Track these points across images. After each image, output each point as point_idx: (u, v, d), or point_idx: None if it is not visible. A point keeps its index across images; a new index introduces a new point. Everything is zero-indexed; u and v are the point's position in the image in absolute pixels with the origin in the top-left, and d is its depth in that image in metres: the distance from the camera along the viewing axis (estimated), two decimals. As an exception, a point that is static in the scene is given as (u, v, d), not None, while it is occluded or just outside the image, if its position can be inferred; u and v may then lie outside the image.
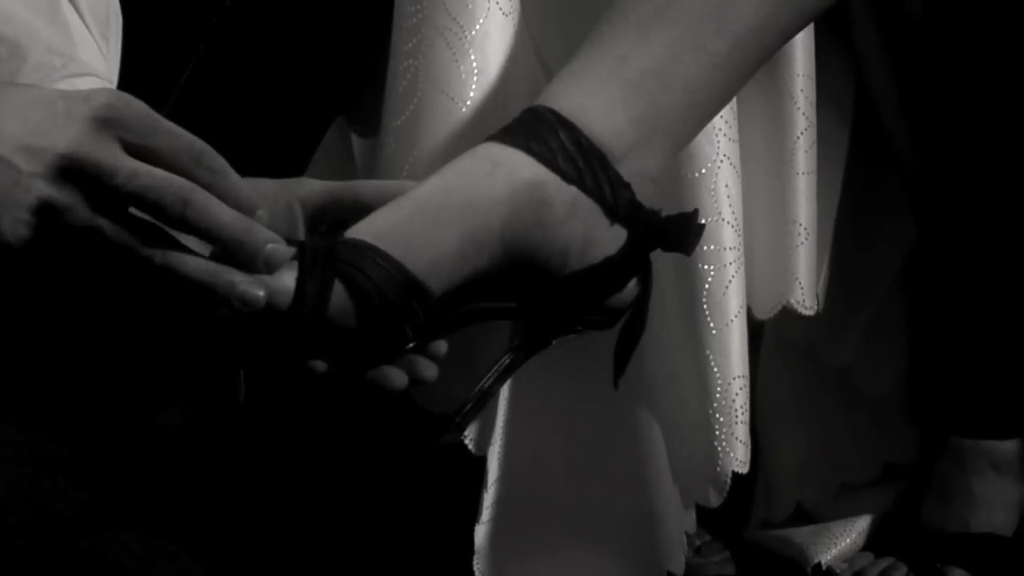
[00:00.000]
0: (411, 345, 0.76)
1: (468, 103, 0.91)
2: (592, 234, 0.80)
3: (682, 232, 0.82)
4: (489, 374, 0.82)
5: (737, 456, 1.00)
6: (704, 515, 1.16)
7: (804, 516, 1.27)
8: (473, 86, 0.91)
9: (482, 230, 0.77)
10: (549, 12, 0.96)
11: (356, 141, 1.15)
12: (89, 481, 0.92)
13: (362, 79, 1.08)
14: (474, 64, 0.91)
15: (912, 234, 1.20)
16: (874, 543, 1.22)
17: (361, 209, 0.82)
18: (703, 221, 0.85)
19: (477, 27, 0.91)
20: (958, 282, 1.17)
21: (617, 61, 0.80)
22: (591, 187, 0.79)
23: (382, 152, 0.94)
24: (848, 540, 1.22)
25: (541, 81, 0.95)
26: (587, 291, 0.81)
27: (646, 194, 0.81)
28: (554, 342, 0.84)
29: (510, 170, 0.78)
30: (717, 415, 0.99)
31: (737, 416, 0.99)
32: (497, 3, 0.92)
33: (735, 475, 1.07)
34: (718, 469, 0.98)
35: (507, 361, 0.83)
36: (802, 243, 1.03)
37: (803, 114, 1.02)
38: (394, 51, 0.93)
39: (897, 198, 1.20)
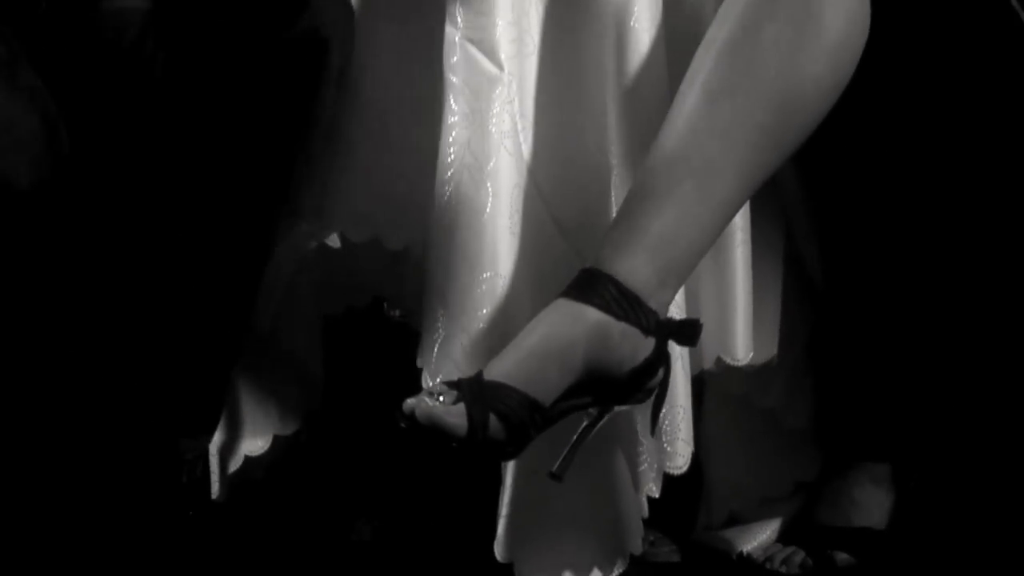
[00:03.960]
0: (532, 438, 1.15)
1: (486, 215, 1.27)
2: (636, 347, 1.18)
3: (688, 333, 1.22)
4: (575, 438, 1.21)
5: (675, 464, 1.34)
6: (658, 521, 1.44)
7: (735, 521, 1.53)
8: (489, 205, 1.27)
9: (571, 360, 1.15)
10: (542, 152, 1.32)
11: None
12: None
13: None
14: (489, 189, 1.28)
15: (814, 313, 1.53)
16: (783, 537, 1.48)
17: None
18: (702, 323, 1.23)
19: (491, 164, 1.27)
20: (848, 353, 1.49)
21: (641, 232, 1.17)
22: (634, 319, 1.17)
23: (429, 243, 1.30)
24: (764, 535, 1.48)
25: (537, 200, 1.31)
26: (635, 382, 1.20)
27: (664, 312, 1.20)
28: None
29: (584, 319, 1.16)
30: (664, 434, 1.33)
31: (678, 434, 1.33)
32: (505, 146, 1.28)
33: (683, 487, 1.40)
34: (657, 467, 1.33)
35: (584, 433, 1.21)
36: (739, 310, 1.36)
37: (740, 229, 1.36)
38: (437, 178, 1.28)
39: (806, 296, 1.52)
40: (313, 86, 1.34)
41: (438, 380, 1.25)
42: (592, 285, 1.17)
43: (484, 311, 1.28)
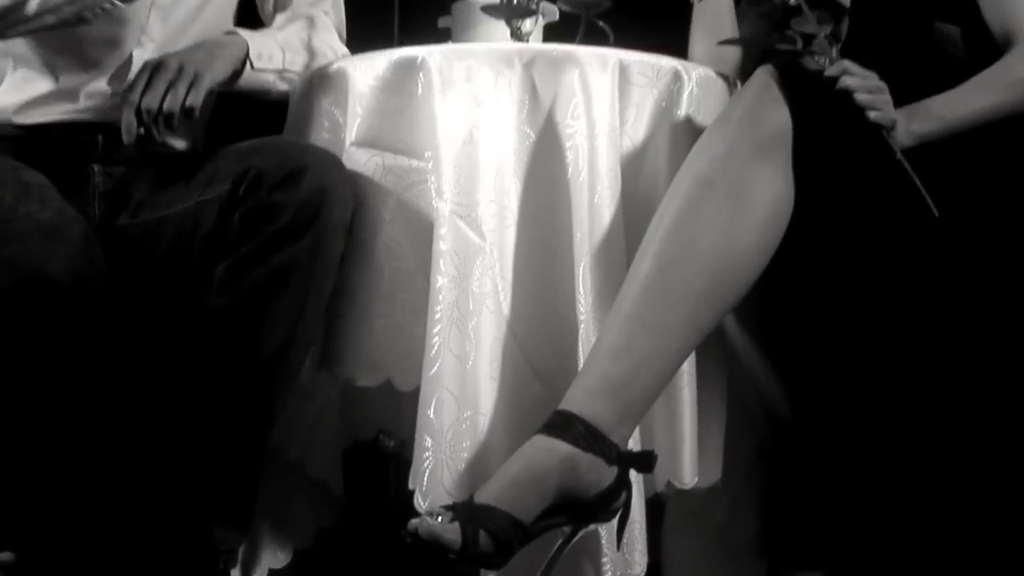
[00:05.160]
0: (516, 552, 1.35)
1: (470, 363, 1.48)
2: (600, 475, 1.39)
3: (645, 462, 1.42)
4: (553, 552, 1.41)
5: (634, 571, 1.54)
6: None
7: (688, 623, 1.73)
8: (472, 355, 1.47)
9: (547, 488, 1.35)
10: (520, 308, 1.53)
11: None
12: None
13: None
14: (473, 341, 1.48)
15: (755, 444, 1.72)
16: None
17: None
18: (657, 454, 1.43)
19: (474, 321, 1.48)
20: (786, 480, 1.66)
21: (605, 379, 1.39)
22: (598, 451, 1.38)
23: (422, 391, 1.49)
24: (709, 634, 1.69)
25: (515, 349, 1.51)
26: (601, 505, 1.41)
27: (624, 445, 1.39)
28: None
29: (557, 453, 1.36)
30: (624, 546, 1.51)
31: (636, 546, 1.53)
32: (486, 305, 1.49)
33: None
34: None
35: (560, 548, 1.41)
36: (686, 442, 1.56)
37: (687, 373, 1.55)
38: (428, 336, 1.47)
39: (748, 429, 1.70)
40: (318, 232, 1.54)
41: (429, 501, 1.46)
42: (563, 424, 1.38)
43: (467, 443, 1.49)
